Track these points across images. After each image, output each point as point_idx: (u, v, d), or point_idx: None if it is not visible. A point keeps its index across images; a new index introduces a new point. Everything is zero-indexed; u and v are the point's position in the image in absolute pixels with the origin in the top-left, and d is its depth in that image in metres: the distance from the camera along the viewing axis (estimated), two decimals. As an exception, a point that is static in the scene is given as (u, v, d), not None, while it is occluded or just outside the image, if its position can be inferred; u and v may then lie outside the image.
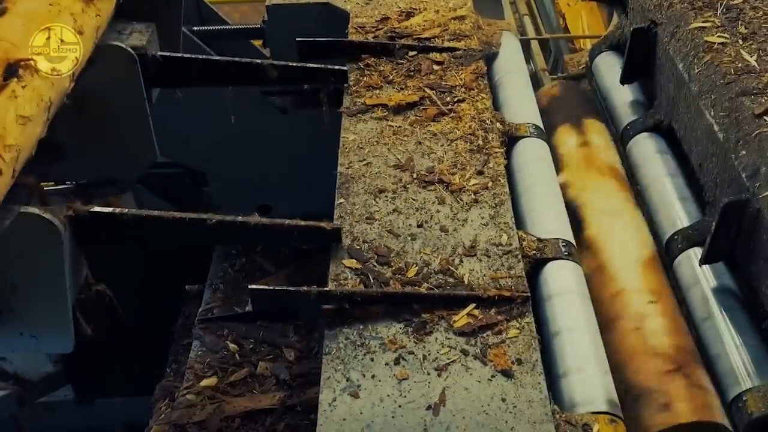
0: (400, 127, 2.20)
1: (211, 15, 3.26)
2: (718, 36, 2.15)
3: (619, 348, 1.83)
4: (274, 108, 3.07)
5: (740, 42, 2.12)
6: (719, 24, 2.21)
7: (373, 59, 2.49)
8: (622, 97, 2.59)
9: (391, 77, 2.41)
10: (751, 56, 2.04)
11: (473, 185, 1.98)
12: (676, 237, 2.04)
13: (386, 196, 1.95)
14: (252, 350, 2.82)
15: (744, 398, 1.62)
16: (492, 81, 2.55)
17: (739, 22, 2.20)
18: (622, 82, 2.57)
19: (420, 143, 2.13)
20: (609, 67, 2.73)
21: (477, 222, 1.88)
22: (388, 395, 1.48)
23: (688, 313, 1.90)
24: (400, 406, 1.47)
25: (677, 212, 2.10)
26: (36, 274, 1.59)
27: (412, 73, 2.42)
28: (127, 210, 1.72)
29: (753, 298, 1.79)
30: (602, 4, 3.72)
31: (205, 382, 2.67)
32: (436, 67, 2.45)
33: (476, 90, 2.35)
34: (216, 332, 2.88)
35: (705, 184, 2.02)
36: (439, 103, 2.28)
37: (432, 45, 2.55)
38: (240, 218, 1.77)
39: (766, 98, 1.90)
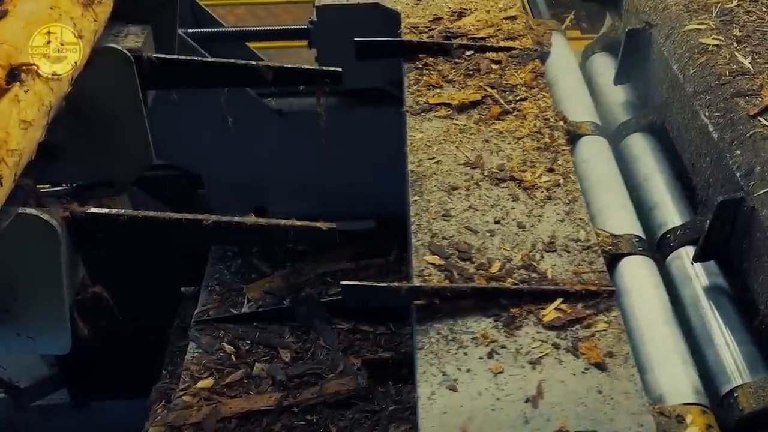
0: (465, 125, 2.19)
1: (206, 17, 3.26)
2: (713, 38, 2.17)
3: None
4: (270, 110, 3.08)
5: (735, 44, 2.13)
6: (714, 26, 2.22)
7: (430, 59, 2.47)
8: (615, 97, 2.61)
9: (450, 76, 2.39)
10: (746, 58, 2.06)
11: (545, 182, 1.98)
12: (668, 235, 2.06)
13: (460, 194, 1.94)
14: (248, 351, 2.83)
15: (735, 394, 1.63)
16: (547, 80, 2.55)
17: (734, 25, 2.22)
18: (616, 82, 2.59)
19: (487, 141, 2.12)
20: (602, 68, 2.75)
21: (553, 218, 1.87)
22: (486, 389, 1.48)
23: (680, 310, 1.92)
24: (498, 399, 1.47)
25: (669, 211, 2.11)
26: (33, 275, 1.59)
27: (471, 72, 2.40)
28: (123, 211, 1.72)
29: (745, 295, 1.81)
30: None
31: (201, 384, 2.68)
32: (494, 66, 2.43)
33: (537, 89, 2.33)
34: (212, 334, 2.89)
35: (698, 184, 2.04)
36: (501, 101, 2.27)
37: (488, 44, 2.54)
38: (236, 218, 1.78)
39: (760, 99, 1.92)
